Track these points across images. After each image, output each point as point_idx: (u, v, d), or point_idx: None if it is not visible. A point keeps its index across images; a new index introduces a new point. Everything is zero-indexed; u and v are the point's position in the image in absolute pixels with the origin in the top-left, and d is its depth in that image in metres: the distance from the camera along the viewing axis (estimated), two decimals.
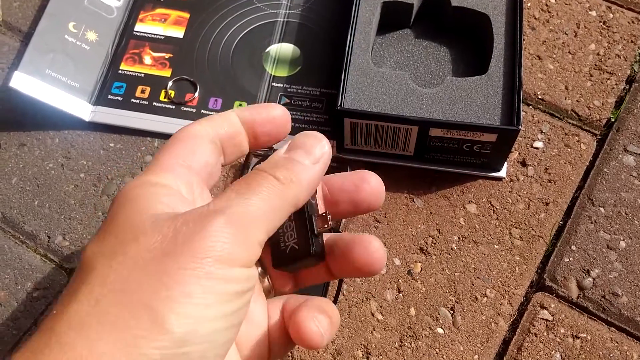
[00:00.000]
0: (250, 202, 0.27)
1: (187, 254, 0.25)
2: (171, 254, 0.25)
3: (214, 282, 0.25)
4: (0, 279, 0.58)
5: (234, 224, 0.26)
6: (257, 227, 0.27)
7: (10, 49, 0.71)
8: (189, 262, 0.25)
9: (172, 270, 0.24)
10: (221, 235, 0.26)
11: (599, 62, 0.67)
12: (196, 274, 0.25)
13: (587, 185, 0.61)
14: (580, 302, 0.56)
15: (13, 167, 0.63)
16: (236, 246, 0.26)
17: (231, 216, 0.26)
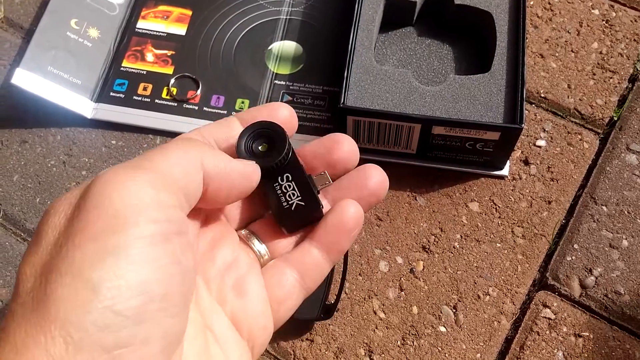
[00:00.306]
0: (166, 154, 0.28)
1: (96, 207, 0.25)
2: (80, 215, 0.25)
3: (124, 227, 0.25)
4: (2, 276, 0.58)
5: (143, 168, 0.27)
6: (171, 175, 0.27)
7: (11, 46, 0.70)
8: (98, 215, 0.25)
9: (83, 228, 0.24)
10: (131, 179, 0.26)
11: (601, 61, 0.67)
12: (110, 225, 0.24)
13: (590, 183, 0.61)
14: (582, 300, 0.56)
15: (14, 164, 0.63)
16: (154, 188, 0.26)
17: (143, 166, 0.27)
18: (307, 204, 0.33)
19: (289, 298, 0.32)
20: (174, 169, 0.27)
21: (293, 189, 0.33)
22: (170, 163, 0.27)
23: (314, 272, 0.33)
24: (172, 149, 0.28)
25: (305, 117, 0.65)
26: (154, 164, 0.27)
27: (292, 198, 0.33)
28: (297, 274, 0.32)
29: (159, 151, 0.28)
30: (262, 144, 0.32)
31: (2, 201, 0.61)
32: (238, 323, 0.31)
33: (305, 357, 0.54)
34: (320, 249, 0.33)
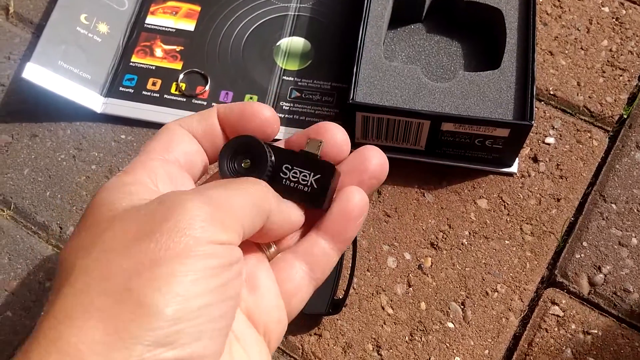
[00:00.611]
0: (231, 194, 0.27)
1: (166, 233, 0.24)
2: (149, 234, 0.25)
3: (196, 259, 0.25)
4: (13, 269, 0.58)
5: (212, 204, 0.26)
6: (235, 213, 0.27)
7: (21, 41, 0.71)
8: (168, 241, 0.24)
9: (152, 251, 0.24)
10: (199, 213, 0.25)
11: (611, 59, 0.67)
12: (177, 252, 0.24)
13: (599, 181, 0.61)
14: (591, 298, 0.56)
15: (25, 158, 0.64)
16: (215, 225, 0.26)
17: (209, 198, 0.26)
18: (321, 173, 0.32)
19: (300, 291, 0.32)
20: (242, 207, 0.28)
21: (300, 173, 0.33)
22: (239, 201, 0.28)
23: (323, 263, 0.33)
24: (242, 186, 0.29)
25: (313, 113, 0.65)
26: (222, 200, 0.27)
27: (307, 178, 0.32)
28: (305, 266, 0.32)
29: (230, 187, 0.28)
30: (244, 161, 0.32)
31: (12, 194, 0.62)
32: (253, 319, 0.31)
33: (313, 352, 0.54)
34: (327, 239, 0.33)
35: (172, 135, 0.32)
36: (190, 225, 0.25)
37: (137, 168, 0.30)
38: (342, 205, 0.32)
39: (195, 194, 0.26)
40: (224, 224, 0.26)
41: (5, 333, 0.55)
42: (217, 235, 0.26)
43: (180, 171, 0.31)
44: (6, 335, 0.55)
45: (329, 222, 0.33)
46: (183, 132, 0.32)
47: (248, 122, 0.33)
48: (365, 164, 0.33)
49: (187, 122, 0.33)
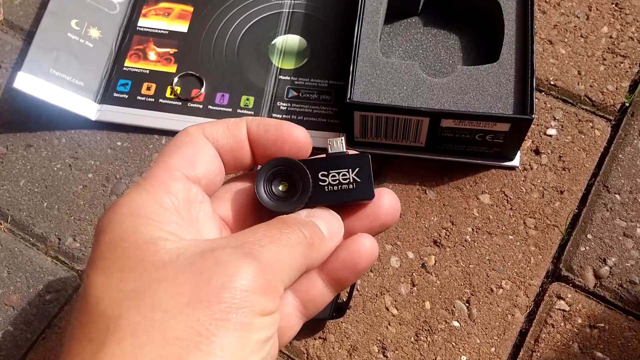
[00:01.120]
0: (280, 252, 0.27)
1: (222, 303, 0.24)
2: (205, 301, 0.24)
3: (248, 332, 0.24)
4: (12, 282, 0.58)
5: (266, 274, 0.26)
6: (282, 280, 0.27)
7: (12, 48, 0.70)
8: (224, 312, 0.24)
9: (208, 320, 0.24)
10: (255, 285, 0.25)
11: (612, 45, 0.66)
12: (232, 325, 0.24)
13: (602, 172, 0.60)
14: (597, 291, 0.55)
15: (20, 168, 0.63)
16: (267, 297, 0.26)
17: (263, 264, 0.26)
18: (359, 166, 0.32)
19: (291, 329, 0.32)
20: (291, 267, 0.28)
21: (339, 174, 0.32)
22: (289, 261, 0.28)
23: (318, 302, 0.32)
24: (293, 237, 0.28)
25: (311, 112, 0.64)
26: (274, 262, 0.27)
27: (348, 175, 0.32)
28: (300, 304, 0.32)
29: (282, 242, 0.28)
30: (282, 183, 0.32)
31: (9, 207, 0.61)
32: None
33: (318, 356, 0.54)
34: (327, 282, 0.32)
35: (196, 149, 0.30)
36: (246, 299, 0.25)
37: (160, 188, 0.28)
38: (350, 254, 0.32)
39: (249, 258, 0.26)
40: (274, 292, 0.26)
41: (7, 348, 0.55)
42: (267, 306, 0.26)
43: (200, 194, 0.30)
44: (8, 350, 0.55)
45: (334, 267, 0.32)
46: (208, 146, 0.31)
47: (284, 143, 0.32)
48: (378, 210, 0.33)
49: (211, 132, 0.31)
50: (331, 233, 0.31)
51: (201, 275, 0.25)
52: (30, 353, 0.55)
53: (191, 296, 0.24)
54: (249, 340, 0.24)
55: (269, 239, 0.27)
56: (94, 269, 0.26)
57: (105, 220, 0.27)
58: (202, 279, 0.25)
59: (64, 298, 0.57)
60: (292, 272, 0.28)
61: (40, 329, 0.56)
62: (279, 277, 0.27)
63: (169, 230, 0.27)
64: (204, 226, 0.30)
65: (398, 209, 0.33)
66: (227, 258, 0.25)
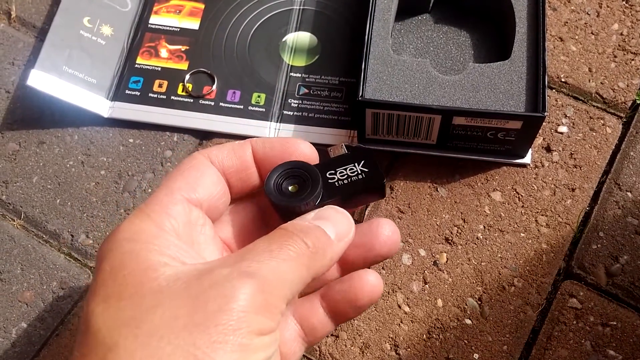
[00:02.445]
0: (280, 267, 0.26)
1: (219, 325, 0.24)
2: (202, 325, 0.24)
3: (247, 353, 0.24)
4: (26, 279, 0.58)
5: (264, 292, 0.25)
6: (284, 296, 0.26)
7: (25, 46, 0.70)
8: (221, 335, 0.24)
9: (205, 343, 0.23)
10: (253, 305, 0.25)
11: (622, 43, 0.66)
12: (230, 347, 0.24)
13: (614, 169, 0.60)
14: (609, 289, 0.55)
15: (33, 165, 0.63)
16: (266, 316, 0.25)
17: (261, 282, 0.25)
18: (363, 159, 0.32)
19: (293, 355, 0.31)
20: (292, 281, 0.27)
21: (347, 169, 0.32)
22: (290, 275, 0.27)
23: (319, 332, 0.32)
24: (292, 248, 0.27)
25: (322, 109, 0.64)
26: (272, 278, 0.26)
27: (355, 168, 0.32)
28: (301, 330, 0.31)
29: (281, 255, 0.27)
30: (293, 184, 0.31)
31: (22, 204, 0.61)
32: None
33: (331, 353, 0.54)
34: (326, 310, 0.32)
35: (199, 173, 0.30)
36: (243, 319, 0.24)
37: (160, 212, 0.28)
38: (352, 288, 0.31)
39: (246, 277, 0.25)
40: (274, 310, 0.26)
41: (20, 344, 0.55)
42: (266, 324, 0.25)
43: (202, 217, 0.30)
44: (22, 347, 0.55)
45: (335, 298, 0.32)
46: (211, 169, 0.31)
47: (290, 157, 0.32)
48: (372, 240, 0.32)
49: (217, 156, 0.31)
50: (339, 234, 0.30)
51: (198, 298, 0.24)
52: (44, 349, 0.55)
53: (188, 320, 0.24)
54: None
55: (269, 254, 0.27)
56: (94, 299, 0.26)
57: (105, 248, 0.27)
58: (199, 302, 0.24)
59: (77, 295, 0.57)
60: (295, 286, 0.27)
61: (53, 325, 0.56)
62: (280, 293, 0.26)
63: (169, 254, 0.27)
64: (205, 249, 0.30)
65: (397, 240, 0.33)
66: (224, 279, 0.25)
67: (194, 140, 0.64)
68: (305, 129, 0.63)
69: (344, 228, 0.30)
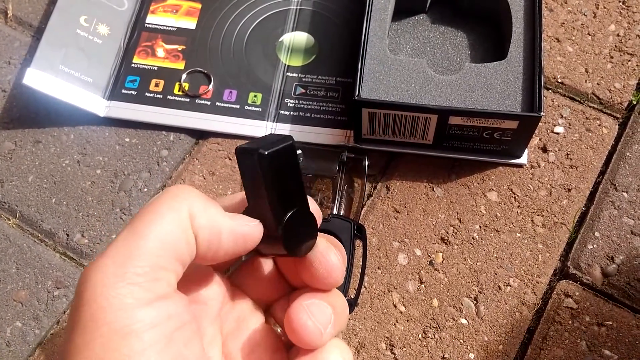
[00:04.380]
0: (137, 226, 0.25)
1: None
2: (69, 329, 0.24)
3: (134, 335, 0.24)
4: (21, 278, 0.58)
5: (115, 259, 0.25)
6: (147, 257, 0.25)
7: (21, 44, 0.70)
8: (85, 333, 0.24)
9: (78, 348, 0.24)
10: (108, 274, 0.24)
11: (619, 44, 0.66)
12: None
13: (610, 170, 0.60)
14: (605, 289, 0.55)
15: (29, 164, 0.63)
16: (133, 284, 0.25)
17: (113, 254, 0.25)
18: None
19: None
20: (164, 237, 0.25)
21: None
22: (157, 234, 0.25)
23: None
24: (158, 211, 0.26)
25: (319, 109, 0.64)
26: (139, 243, 0.25)
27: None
28: None
29: (144, 220, 0.25)
30: None
31: (17, 202, 0.61)
32: None
33: None
34: None
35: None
36: (115, 305, 0.24)
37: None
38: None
39: (111, 258, 0.24)
40: (153, 276, 0.25)
41: (15, 343, 0.55)
42: (150, 295, 0.24)
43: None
44: (17, 346, 0.55)
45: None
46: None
47: None
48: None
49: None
50: None
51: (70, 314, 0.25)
52: (38, 348, 0.55)
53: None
54: (138, 349, 0.24)
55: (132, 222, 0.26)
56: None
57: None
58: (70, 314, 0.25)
59: (72, 294, 0.57)
60: (169, 229, 0.25)
61: (48, 324, 0.56)
62: (150, 249, 0.25)
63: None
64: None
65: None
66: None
67: (190, 139, 0.64)
68: (301, 128, 0.63)
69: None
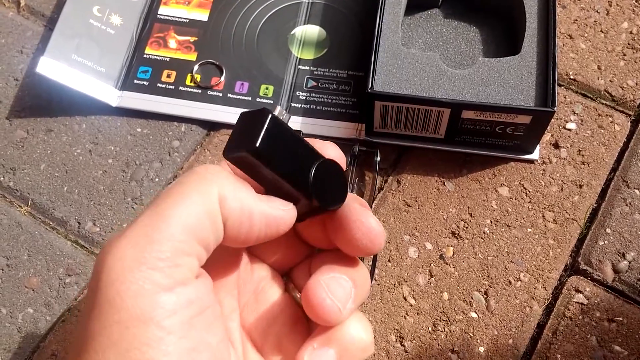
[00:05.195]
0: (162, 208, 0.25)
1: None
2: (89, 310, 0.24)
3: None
4: (32, 265, 0.58)
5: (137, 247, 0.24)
6: (169, 244, 0.25)
7: (34, 34, 0.70)
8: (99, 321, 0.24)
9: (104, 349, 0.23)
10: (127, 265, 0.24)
11: (632, 41, 0.66)
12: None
13: (622, 167, 0.60)
14: (615, 285, 0.55)
15: (41, 153, 0.63)
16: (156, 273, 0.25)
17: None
18: None
19: None
20: (188, 221, 0.24)
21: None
22: (181, 217, 0.24)
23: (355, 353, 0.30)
24: (184, 193, 0.25)
25: (330, 102, 0.64)
26: (161, 227, 0.24)
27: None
28: (337, 355, 0.29)
29: (169, 202, 0.25)
30: None
31: (30, 190, 0.61)
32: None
33: None
34: None
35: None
36: (132, 290, 0.23)
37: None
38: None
39: (130, 239, 0.24)
40: (174, 260, 0.24)
41: (27, 330, 0.55)
42: (169, 281, 0.24)
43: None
44: (28, 332, 0.55)
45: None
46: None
47: None
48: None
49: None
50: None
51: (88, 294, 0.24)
52: (50, 335, 0.55)
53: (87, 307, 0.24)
54: (157, 337, 0.23)
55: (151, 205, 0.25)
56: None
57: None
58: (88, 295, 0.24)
59: (83, 281, 0.57)
60: (195, 211, 0.25)
61: (60, 311, 0.56)
62: (172, 233, 0.24)
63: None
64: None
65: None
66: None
67: (201, 130, 0.64)
68: (313, 121, 0.63)
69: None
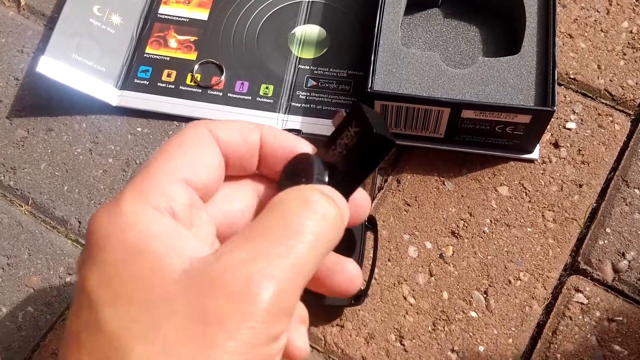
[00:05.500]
0: (298, 260, 0.25)
1: (234, 341, 0.23)
2: (218, 344, 0.23)
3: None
4: (33, 264, 0.58)
5: (283, 295, 0.24)
6: (298, 294, 0.25)
7: (34, 33, 0.70)
8: (236, 352, 0.23)
9: (218, 357, 0.23)
10: (272, 312, 0.24)
11: (632, 40, 0.66)
12: (241, 356, 0.23)
13: (622, 166, 0.60)
14: (615, 285, 0.55)
15: (41, 152, 0.63)
16: (282, 321, 0.24)
17: (281, 284, 0.24)
18: (354, 118, 0.29)
19: None
20: (307, 274, 0.25)
21: (344, 137, 0.30)
22: (304, 268, 0.25)
23: None
24: (305, 235, 0.26)
25: (330, 101, 0.64)
26: (286, 277, 0.25)
27: (350, 130, 0.29)
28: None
29: (295, 249, 0.25)
30: (301, 181, 0.30)
31: (30, 190, 0.62)
32: None
33: (336, 343, 0.54)
34: None
35: (201, 154, 0.29)
36: (262, 331, 0.23)
37: (161, 194, 0.26)
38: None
39: (265, 288, 0.24)
40: (286, 312, 0.25)
41: (27, 328, 0.55)
42: (277, 329, 0.24)
43: (198, 202, 0.29)
44: (28, 331, 0.55)
45: None
46: (214, 150, 0.29)
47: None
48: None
49: (224, 137, 0.29)
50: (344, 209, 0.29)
51: (208, 298, 0.24)
52: (50, 334, 0.55)
53: (200, 333, 0.23)
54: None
55: (285, 247, 0.25)
56: (100, 297, 0.24)
57: (104, 230, 0.25)
58: (209, 302, 0.23)
59: None
60: (310, 272, 0.26)
61: (60, 310, 0.56)
62: (296, 292, 0.25)
63: (174, 248, 0.25)
64: (202, 234, 0.29)
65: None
66: (241, 284, 0.24)
67: None
68: (313, 121, 0.63)
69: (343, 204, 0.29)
